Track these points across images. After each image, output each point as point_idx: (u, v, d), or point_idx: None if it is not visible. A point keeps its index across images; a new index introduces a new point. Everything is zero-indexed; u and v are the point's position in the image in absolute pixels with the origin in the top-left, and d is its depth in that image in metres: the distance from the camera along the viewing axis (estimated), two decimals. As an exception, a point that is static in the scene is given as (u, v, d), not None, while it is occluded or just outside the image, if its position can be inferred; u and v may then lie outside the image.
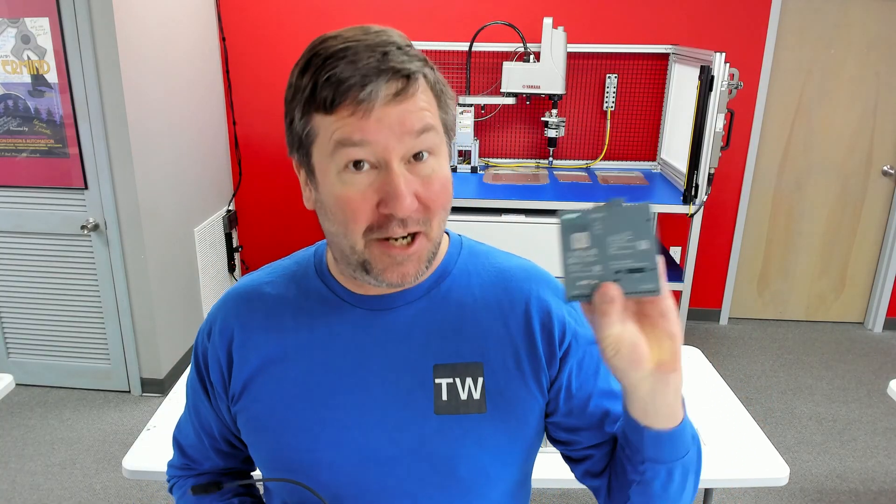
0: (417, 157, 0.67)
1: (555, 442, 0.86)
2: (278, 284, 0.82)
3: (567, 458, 0.88)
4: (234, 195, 3.75)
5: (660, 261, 0.62)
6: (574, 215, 0.62)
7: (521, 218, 3.00)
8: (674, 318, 0.63)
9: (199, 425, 0.91)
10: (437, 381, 0.76)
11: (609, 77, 3.48)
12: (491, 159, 3.65)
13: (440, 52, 3.46)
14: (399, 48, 0.66)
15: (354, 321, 0.78)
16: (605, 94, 3.51)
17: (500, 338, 0.79)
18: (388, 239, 0.68)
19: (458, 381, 0.77)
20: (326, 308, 0.79)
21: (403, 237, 0.69)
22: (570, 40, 3.28)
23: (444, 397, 0.76)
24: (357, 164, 0.66)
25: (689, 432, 0.73)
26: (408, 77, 0.65)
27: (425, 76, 0.67)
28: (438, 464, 0.76)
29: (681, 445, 0.71)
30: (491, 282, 0.81)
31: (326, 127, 0.66)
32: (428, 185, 0.68)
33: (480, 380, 0.77)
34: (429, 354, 0.77)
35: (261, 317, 0.81)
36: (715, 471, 1.54)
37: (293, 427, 0.77)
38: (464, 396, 0.77)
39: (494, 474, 0.79)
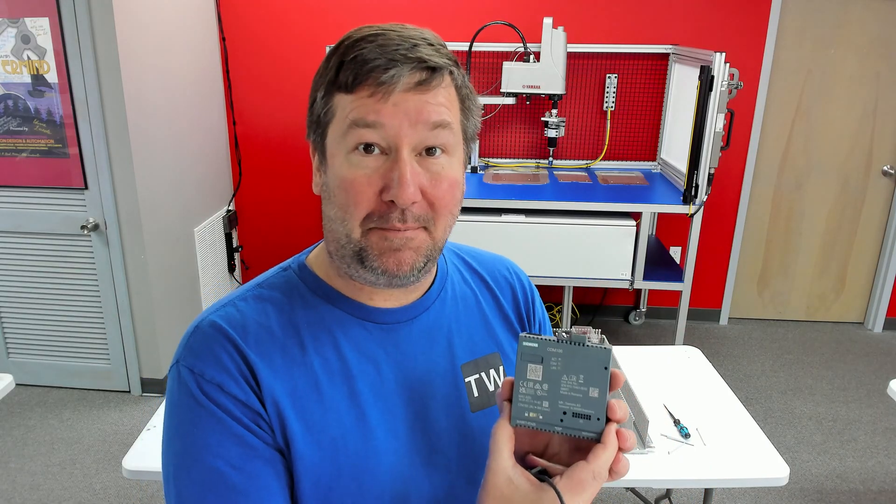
0: (430, 152, 0.66)
1: None
2: (270, 315, 0.72)
3: None
4: (234, 195, 3.75)
5: (614, 408, 0.62)
6: (534, 344, 0.62)
7: (521, 218, 3.00)
8: (601, 468, 0.61)
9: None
10: (466, 379, 0.77)
11: (609, 77, 3.48)
12: (491, 159, 3.65)
13: (440, 52, 3.46)
14: (431, 44, 0.66)
15: (380, 338, 0.74)
16: (605, 94, 3.51)
17: (503, 323, 0.82)
18: (385, 229, 0.67)
19: (483, 374, 0.78)
20: (346, 330, 0.73)
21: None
22: (570, 40, 3.28)
23: (476, 394, 0.77)
24: (367, 148, 0.65)
25: None
26: (433, 70, 0.64)
27: (451, 74, 0.67)
28: (483, 459, 0.77)
29: None
30: (478, 273, 0.85)
31: (344, 106, 0.65)
32: (436, 183, 0.66)
33: (501, 368, 0.80)
34: (453, 356, 0.77)
35: (274, 351, 0.69)
36: (715, 471, 1.54)
37: (341, 458, 0.70)
38: (491, 388, 0.79)
39: None
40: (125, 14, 2.61)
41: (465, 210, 3.02)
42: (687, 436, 1.63)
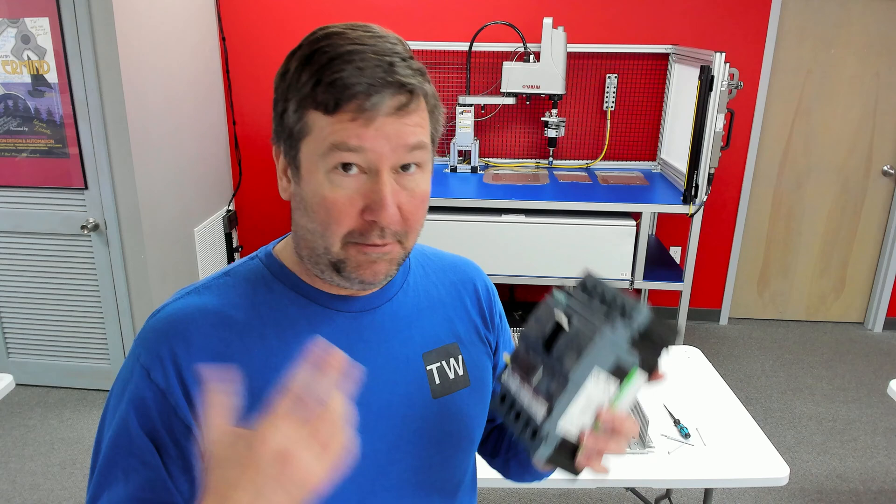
0: (405, 168, 0.69)
1: None
2: (233, 302, 0.74)
3: None
4: (234, 195, 3.75)
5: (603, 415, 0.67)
6: (614, 356, 0.66)
7: (521, 218, 3.00)
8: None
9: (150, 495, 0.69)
10: (427, 367, 0.81)
11: (609, 77, 3.48)
12: (491, 159, 3.65)
13: (440, 52, 3.46)
14: (403, 59, 0.67)
15: (344, 326, 0.77)
16: (605, 94, 3.51)
17: (462, 316, 0.86)
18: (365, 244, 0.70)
19: (443, 363, 0.82)
20: (309, 317, 0.76)
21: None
22: (570, 40, 3.29)
23: (437, 381, 0.81)
24: (346, 167, 0.67)
25: None
26: (411, 92, 0.67)
27: (425, 93, 0.69)
28: (444, 444, 0.81)
29: None
30: (442, 269, 0.89)
31: (323, 127, 0.66)
32: (411, 198, 0.69)
33: (460, 357, 0.84)
34: (414, 345, 0.81)
35: (233, 338, 0.72)
36: (715, 471, 1.54)
37: None
38: (452, 375, 0.82)
39: (477, 439, 0.87)
40: (125, 14, 2.60)
41: (466, 210, 3.02)
42: (687, 436, 1.64)
